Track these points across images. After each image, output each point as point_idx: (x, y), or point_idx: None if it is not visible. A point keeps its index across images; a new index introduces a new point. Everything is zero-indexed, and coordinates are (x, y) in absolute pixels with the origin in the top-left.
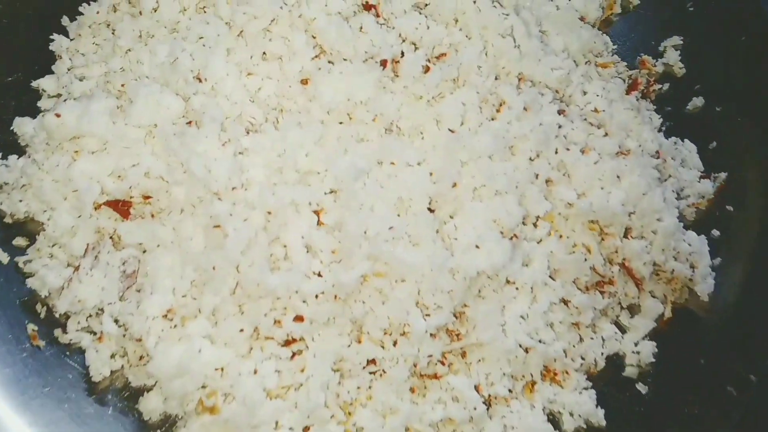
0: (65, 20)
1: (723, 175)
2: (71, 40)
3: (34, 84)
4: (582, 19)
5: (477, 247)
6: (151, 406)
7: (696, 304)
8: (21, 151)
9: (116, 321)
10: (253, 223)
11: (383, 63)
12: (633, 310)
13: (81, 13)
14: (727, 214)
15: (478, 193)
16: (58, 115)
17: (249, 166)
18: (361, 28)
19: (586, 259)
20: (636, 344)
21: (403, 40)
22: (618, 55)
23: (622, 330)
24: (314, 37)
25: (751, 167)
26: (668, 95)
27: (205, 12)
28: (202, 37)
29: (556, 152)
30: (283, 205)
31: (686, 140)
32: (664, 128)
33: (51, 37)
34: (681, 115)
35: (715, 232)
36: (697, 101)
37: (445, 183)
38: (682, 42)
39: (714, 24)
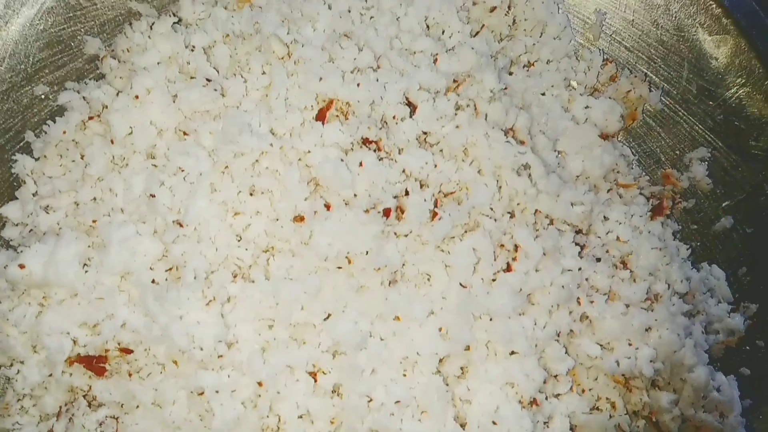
0: (30, 135)
1: (753, 306)
2: (36, 159)
3: None
4: (602, 135)
5: (494, 423)
6: None
7: None
8: None
9: None
10: (241, 396)
11: (386, 212)
12: None
13: (43, 132)
14: (757, 350)
15: (492, 352)
16: (22, 267)
17: (236, 321)
18: (360, 163)
19: (610, 416)
20: None
21: (408, 176)
22: (639, 164)
23: None
24: (308, 167)
25: None
26: (694, 212)
27: (185, 137)
28: (182, 170)
29: (579, 302)
30: (276, 372)
31: (714, 266)
32: (689, 249)
33: (14, 156)
34: (708, 234)
35: (745, 371)
36: (726, 221)
37: (456, 343)
38: (710, 155)
39: (745, 135)
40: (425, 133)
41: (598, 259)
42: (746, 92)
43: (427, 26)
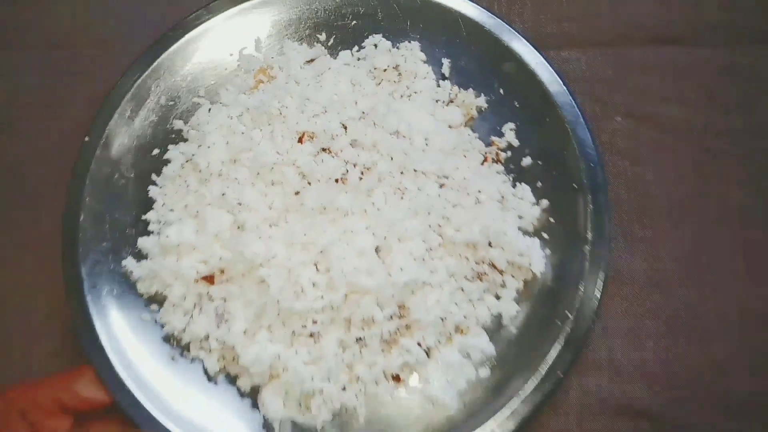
0: (154, 176)
1: (545, 201)
2: (160, 188)
3: (144, 216)
4: (451, 127)
5: (401, 269)
6: (243, 383)
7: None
8: (144, 256)
9: (217, 341)
10: (281, 278)
11: (337, 181)
12: (503, 285)
13: (162, 173)
14: (551, 224)
15: (398, 240)
16: (167, 237)
17: (274, 247)
18: (322, 160)
19: (467, 264)
20: (506, 305)
21: (346, 163)
22: (479, 139)
23: (498, 298)
24: (297, 167)
25: (559, 196)
26: (511, 158)
27: (235, 163)
28: (236, 179)
29: (440, 209)
30: (297, 265)
31: (523, 184)
32: (510, 179)
33: (148, 188)
34: (519, 169)
35: (545, 235)
36: (526, 160)
37: (381, 238)
38: (515, 126)
39: (533, 113)
40: (353, 140)
41: (452, 189)
42: (534, 91)
43: (352, 84)
